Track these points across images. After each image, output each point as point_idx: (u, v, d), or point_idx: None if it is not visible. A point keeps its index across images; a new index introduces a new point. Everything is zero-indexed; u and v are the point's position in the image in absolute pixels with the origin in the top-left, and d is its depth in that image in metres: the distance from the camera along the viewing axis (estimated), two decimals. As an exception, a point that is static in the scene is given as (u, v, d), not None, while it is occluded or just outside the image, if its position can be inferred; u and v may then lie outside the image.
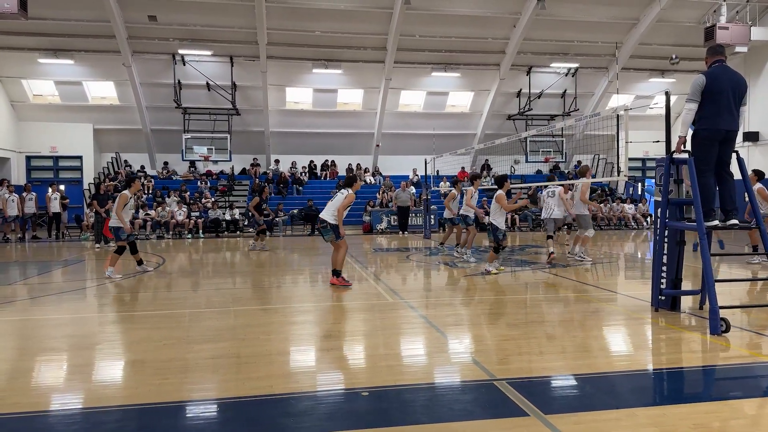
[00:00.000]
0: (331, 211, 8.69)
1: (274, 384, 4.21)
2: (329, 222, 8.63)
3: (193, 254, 14.60)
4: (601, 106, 26.22)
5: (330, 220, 8.63)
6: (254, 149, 25.98)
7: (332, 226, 8.61)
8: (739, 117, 6.04)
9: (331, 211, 8.68)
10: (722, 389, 4.34)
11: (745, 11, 22.50)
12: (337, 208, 8.61)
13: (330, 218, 8.64)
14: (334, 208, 8.66)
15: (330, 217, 8.64)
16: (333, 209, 8.67)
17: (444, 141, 25.56)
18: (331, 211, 8.68)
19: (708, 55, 6.23)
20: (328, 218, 8.65)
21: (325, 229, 8.69)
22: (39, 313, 7.11)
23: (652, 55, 25.10)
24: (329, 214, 8.69)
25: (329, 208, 8.74)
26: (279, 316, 6.83)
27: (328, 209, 8.76)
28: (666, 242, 6.46)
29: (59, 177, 24.51)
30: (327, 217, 8.68)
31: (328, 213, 8.72)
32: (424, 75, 24.97)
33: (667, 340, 5.52)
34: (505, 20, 22.67)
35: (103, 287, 9.01)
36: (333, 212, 8.65)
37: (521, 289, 8.56)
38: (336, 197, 8.79)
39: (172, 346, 5.29)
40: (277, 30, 21.89)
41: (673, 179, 6.48)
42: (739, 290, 8.11)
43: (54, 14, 20.44)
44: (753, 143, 23.62)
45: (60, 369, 4.83)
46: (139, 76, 22.91)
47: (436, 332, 5.79)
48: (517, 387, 4.05)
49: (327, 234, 8.70)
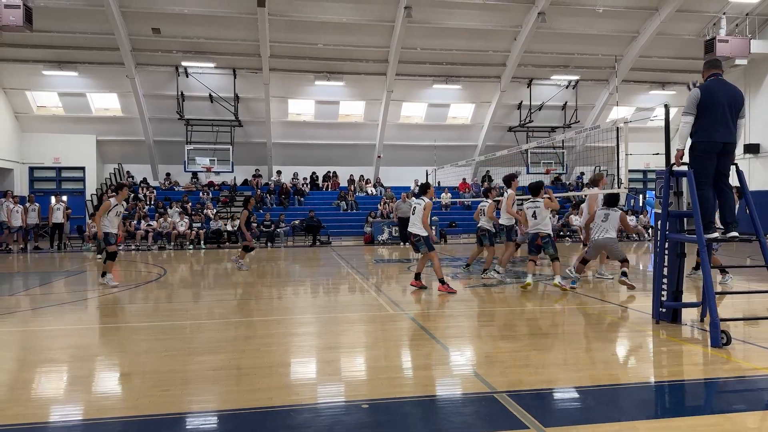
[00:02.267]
0: (418, 224, 9.09)
1: (274, 396, 4.21)
2: (422, 235, 9.04)
3: (195, 265, 14.62)
4: (601, 119, 26.32)
5: (422, 233, 9.04)
6: (256, 160, 26.09)
7: (424, 238, 9.03)
8: (737, 130, 6.07)
9: (419, 224, 9.07)
10: (723, 402, 4.32)
11: (744, 24, 22.67)
12: (421, 220, 9.03)
13: (421, 231, 9.05)
14: (418, 220, 9.07)
15: (420, 230, 9.05)
16: (418, 222, 9.07)
17: (445, 152, 25.63)
18: (418, 224, 9.08)
19: (704, 68, 6.28)
20: (420, 231, 9.05)
21: (420, 242, 9.11)
22: (40, 324, 7.12)
23: (653, 67, 25.26)
24: (417, 227, 9.09)
25: (415, 221, 9.14)
26: (280, 327, 6.83)
27: (414, 223, 9.16)
28: (666, 254, 6.46)
29: (62, 188, 24.64)
30: (418, 230, 9.08)
31: (416, 227, 9.12)
32: (426, 87, 25.12)
33: (668, 352, 5.51)
34: (505, 33, 22.84)
35: (105, 298, 9.02)
36: (420, 224, 9.06)
37: (522, 300, 8.55)
38: (416, 210, 9.18)
39: (172, 358, 5.29)
40: (279, 43, 22.08)
41: (672, 191, 6.50)
42: (740, 303, 8.09)
43: (58, 27, 20.66)
44: (754, 155, 23.66)
45: (60, 380, 4.84)
46: (142, 88, 23.08)
47: (437, 344, 5.79)
48: (517, 399, 4.05)
49: (421, 246, 9.12)
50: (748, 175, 20.53)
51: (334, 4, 20.89)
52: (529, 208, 9.58)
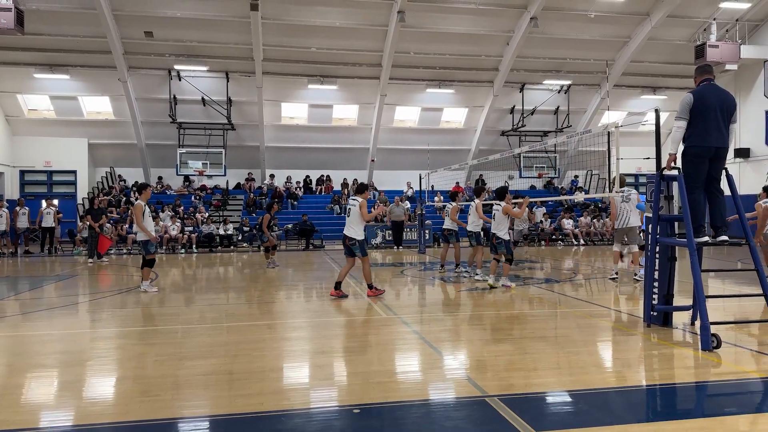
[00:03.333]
0: (353, 227, 8.90)
1: (266, 401, 4.18)
2: (357, 239, 8.87)
3: (186, 269, 14.55)
4: (593, 123, 26.48)
5: (357, 236, 8.86)
6: (249, 164, 26.04)
7: (360, 242, 8.88)
8: (729, 134, 6.11)
9: (354, 227, 8.89)
10: (714, 405, 4.34)
11: (734, 30, 22.90)
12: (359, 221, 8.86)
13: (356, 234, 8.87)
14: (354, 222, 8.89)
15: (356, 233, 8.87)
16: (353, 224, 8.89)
17: (439, 156, 25.70)
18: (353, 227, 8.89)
19: (696, 74, 6.33)
20: (355, 234, 8.87)
21: (354, 246, 8.91)
22: (30, 329, 7.06)
23: (644, 72, 25.45)
24: (353, 230, 8.91)
25: (351, 224, 8.94)
26: (272, 332, 6.80)
27: (349, 225, 8.96)
28: (657, 258, 6.49)
29: (53, 191, 24.48)
30: (353, 233, 8.90)
31: (351, 229, 8.93)
32: (419, 91, 25.18)
33: (659, 355, 5.52)
34: (498, 38, 22.95)
35: (96, 303, 8.95)
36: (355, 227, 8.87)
37: (515, 304, 8.56)
38: (351, 211, 8.99)
39: (163, 363, 5.25)
40: (273, 46, 22.08)
41: (663, 195, 6.53)
42: (730, 306, 8.14)
43: (50, 30, 20.56)
44: (744, 159, 23.87)
45: (50, 385, 4.79)
46: (134, 91, 23.00)
47: (429, 348, 5.78)
48: (509, 404, 4.04)
49: (356, 250, 8.93)
50: (738, 180, 20.68)
51: (328, 9, 20.92)
52: (494, 210, 10.07)
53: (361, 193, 9.13)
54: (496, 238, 9.90)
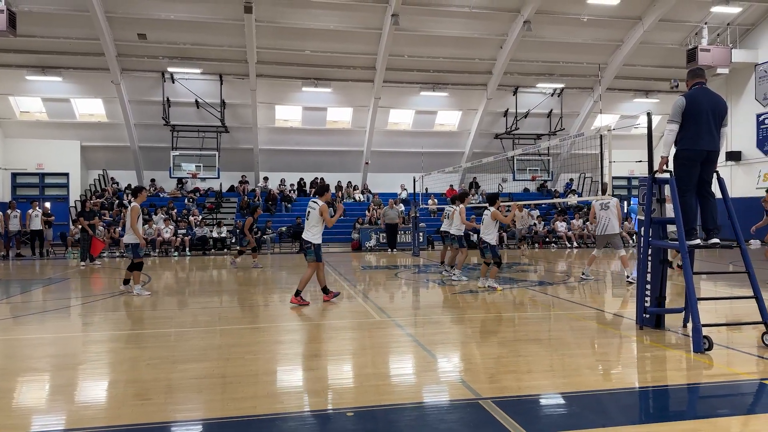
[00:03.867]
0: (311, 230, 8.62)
1: (259, 405, 4.17)
2: (313, 242, 8.59)
3: (180, 272, 14.49)
4: (586, 126, 26.62)
5: (314, 240, 8.59)
6: (243, 166, 25.98)
7: (316, 247, 8.60)
8: (720, 138, 6.16)
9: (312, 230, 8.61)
10: (706, 407, 4.37)
11: (725, 34, 23.10)
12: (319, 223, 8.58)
13: (313, 238, 8.58)
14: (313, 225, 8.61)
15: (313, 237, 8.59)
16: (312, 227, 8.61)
17: (432, 159, 25.75)
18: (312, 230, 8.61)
19: (688, 77, 6.38)
20: (312, 239, 8.59)
21: (309, 250, 8.64)
22: (21, 333, 7.01)
23: (636, 75, 25.61)
24: (310, 233, 8.63)
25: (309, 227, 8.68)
26: (265, 335, 6.79)
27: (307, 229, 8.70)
28: (650, 261, 6.53)
29: (45, 194, 24.32)
30: (310, 237, 8.62)
31: (309, 233, 8.66)
32: (413, 94, 25.23)
33: (651, 358, 5.55)
34: (492, 41, 23.04)
35: (88, 306, 8.91)
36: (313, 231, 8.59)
37: (508, 307, 8.58)
38: (311, 214, 8.70)
39: (156, 366, 5.23)
40: (266, 49, 22.07)
41: (655, 198, 6.58)
42: (722, 308, 8.19)
43: (42, 32, 20.46)
44: (735, 162, 24.05)
45: (42, 389, 4.76)
46: (127, 94, 22.91)
47: (423, 351, 5.78)
48: (502, 406, 4.06)
49: (310, 254, 8.64)
50: (729, 183, 20.85)
51: (322, 12, 20.93)
52: (483, 215, 10.21)
53: (321, 195, 8.81)
54: (482, 242, 10.07)
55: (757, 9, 22.79)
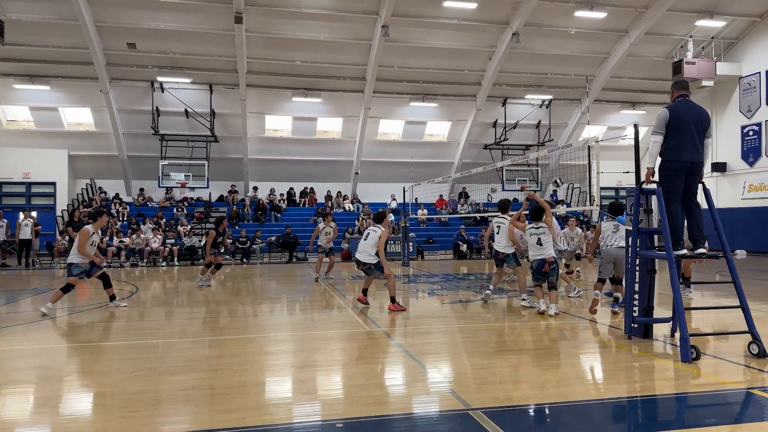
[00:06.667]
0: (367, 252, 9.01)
1: (247, 416, 4.14)
2: (372, 263, 8.99)
3: (168, 282, 14.37)
4: (574, 137, 26.86)
5: (371, 261, 8.97)
6: (232, 176, 25.90)
7: (376, 266, 8.99)
8: (704, 149, 6.25)
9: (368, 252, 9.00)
10: (693, 416, 4.39)
11: (710, 47, 23.48)
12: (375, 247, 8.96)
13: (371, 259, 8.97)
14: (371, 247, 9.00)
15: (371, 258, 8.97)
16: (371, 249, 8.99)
17: (422, 169, 25.85)
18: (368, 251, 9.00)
19: (672, 89, 6.48)
20: (370, 260, 8.98)
21: (371, 269, 9.07)
22: (5, 344, 6.90)
23: (623, 87, 25.95)
24: (366, 254, 9.01)
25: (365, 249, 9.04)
26: (254, 346, 6.74)
27: (363, 250, 9.06)
28: (638, 271, 6.58)
29: (31, 203, 24.05)
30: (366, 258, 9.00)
31: (364, 254, 9.02)
32: (403, 105, 25.36)
33: (640, 367, 5.58)
34: (481, 53, 23.25)
35: (75, 316, 8.79)
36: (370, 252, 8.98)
37: (497, 317, 8.60)
38: (370, 237, 9.09)
39: (143, 378, 5.17)
40: (257, 59, 22.10)
41: (643, 209, 6.64)
42: (709, 318, 8.26)
43: (31, 40, 20.36)
44: (721, 173, 24.35)
45: (26, 402, 4.69)
46: (116, 103, 22.81)
47: (413, 361, 5.77)
48: (492, 416, 4.05)
49: (372, 272, 9.10)
50: (715, 193, 21.10)
51: (312, 22, 21.03)
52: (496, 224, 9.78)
53: (380, 221, 9.31)
54: (501, 254, 9.53)
55: (741, 23, 23.22)
